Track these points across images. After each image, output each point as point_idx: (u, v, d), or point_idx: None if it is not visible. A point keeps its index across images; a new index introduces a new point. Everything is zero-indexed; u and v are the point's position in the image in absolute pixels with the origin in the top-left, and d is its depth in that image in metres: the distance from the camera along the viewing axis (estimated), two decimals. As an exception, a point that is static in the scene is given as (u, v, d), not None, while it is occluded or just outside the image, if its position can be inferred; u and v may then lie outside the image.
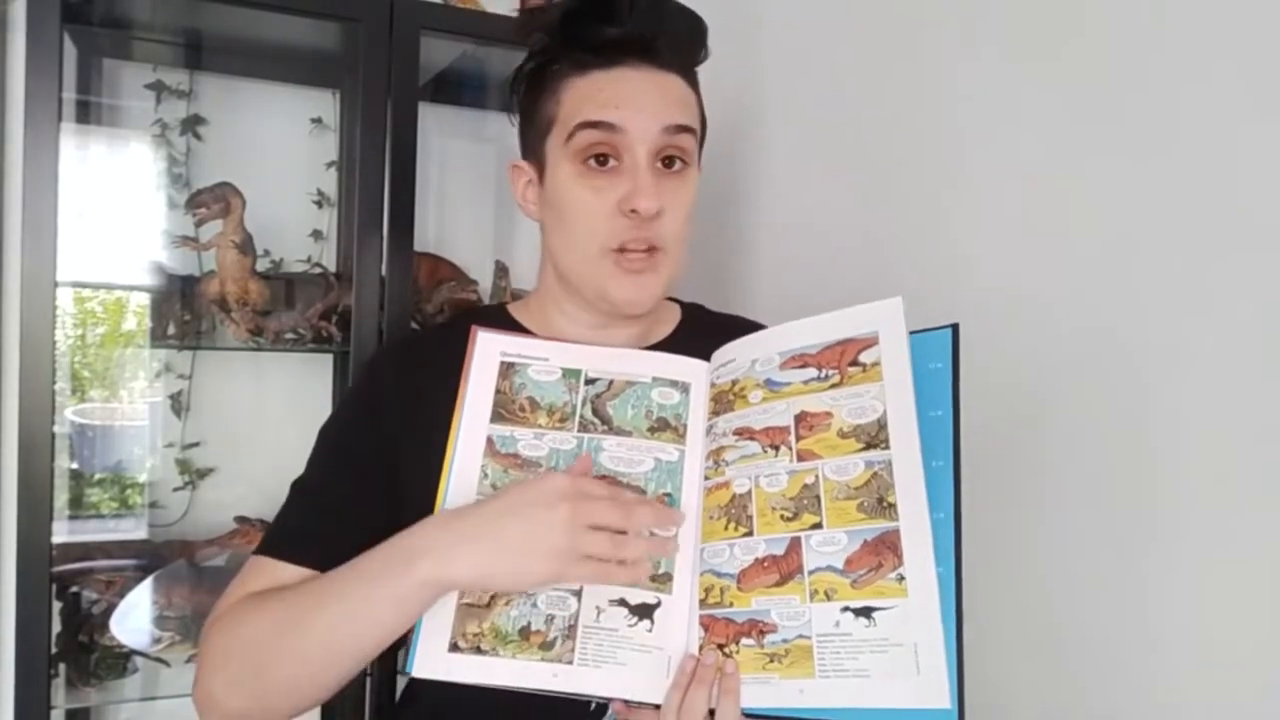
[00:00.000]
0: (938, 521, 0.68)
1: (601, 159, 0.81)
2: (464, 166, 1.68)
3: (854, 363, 0.74)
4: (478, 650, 0.73)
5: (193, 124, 1.50)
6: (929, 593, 0.66)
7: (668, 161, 0.83)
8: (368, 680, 1.27)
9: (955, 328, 0.72)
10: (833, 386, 0.75)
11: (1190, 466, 0.80)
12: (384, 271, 1.30)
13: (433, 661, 0.73)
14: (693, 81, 0.87)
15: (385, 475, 0.83)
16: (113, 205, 1.46)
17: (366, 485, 0.83)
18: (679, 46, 0.84)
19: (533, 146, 0.87)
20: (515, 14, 1.47)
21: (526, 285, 1.59)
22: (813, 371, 0.76)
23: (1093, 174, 0.88)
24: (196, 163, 1.50)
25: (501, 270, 1.56)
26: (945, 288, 1.05)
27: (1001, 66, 0.99)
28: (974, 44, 1.03)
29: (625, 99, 0.80)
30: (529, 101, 0.87)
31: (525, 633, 0.74)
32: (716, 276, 1.45)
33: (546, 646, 0.73)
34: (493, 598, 0.75)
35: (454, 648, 0.73)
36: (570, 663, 0.73)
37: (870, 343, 0.74)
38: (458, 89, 1.62)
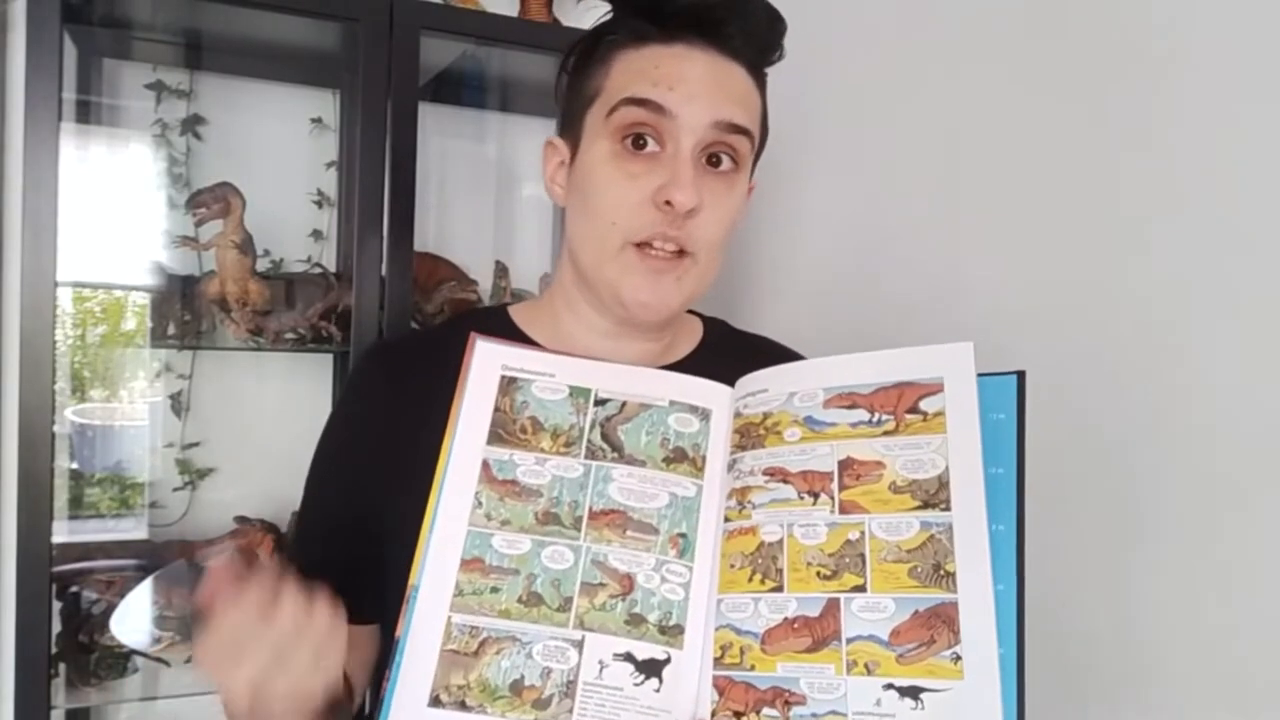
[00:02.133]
0: (999, 594, 0.61)
1: (640, 141, 0.72)
2: (464, 166, 1.68)
3: (913, 409, 0.67)
4: (462, 706, 0.65)
5: (193, 124, 1.50)
6: (989, 677, 0.59)
7: (714, 159, 0.74)
8: None
9: (1021, 375, 0.65)
10: (886, 434, 0.67)
11: (1198, 475, 0.80)
12: (384, 271, 1.30)
13: (409, 717, 0.65)
14: (760, 81, 0.77)
15: (366, 509, 0.78)
16: (113, 205, 1.46)
17: (352, 528, 0.79)
18: (752, 37, 0.75)
19: (571, 121, 0.78)
20: (516, 15, 1.47)
21: (527, 285, 1.60)
22: (863, 414, 0.68)
23: (1099, 181, 0.88)
24: (196, 163, 1.50)
25: (501, 270, 1.56)
26: (949, 297, 1.05)
27: (1011, 72, 0.99)
28: (986, 52, 1.03)
29: (680, 80, 0.71)
30: (576, 74, 0.78)
31: (517, 688, 0.66)
32: (722, 288, 1.45)
33: (541, 705, 0.65)
34: (481, 644, 0.67)
35: (435, 702, 0.65)
36: None
37: (933, 389, 0.66)
38: (458, 89, 1.62)
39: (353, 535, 0.79)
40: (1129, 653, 0.85)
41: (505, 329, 0.83)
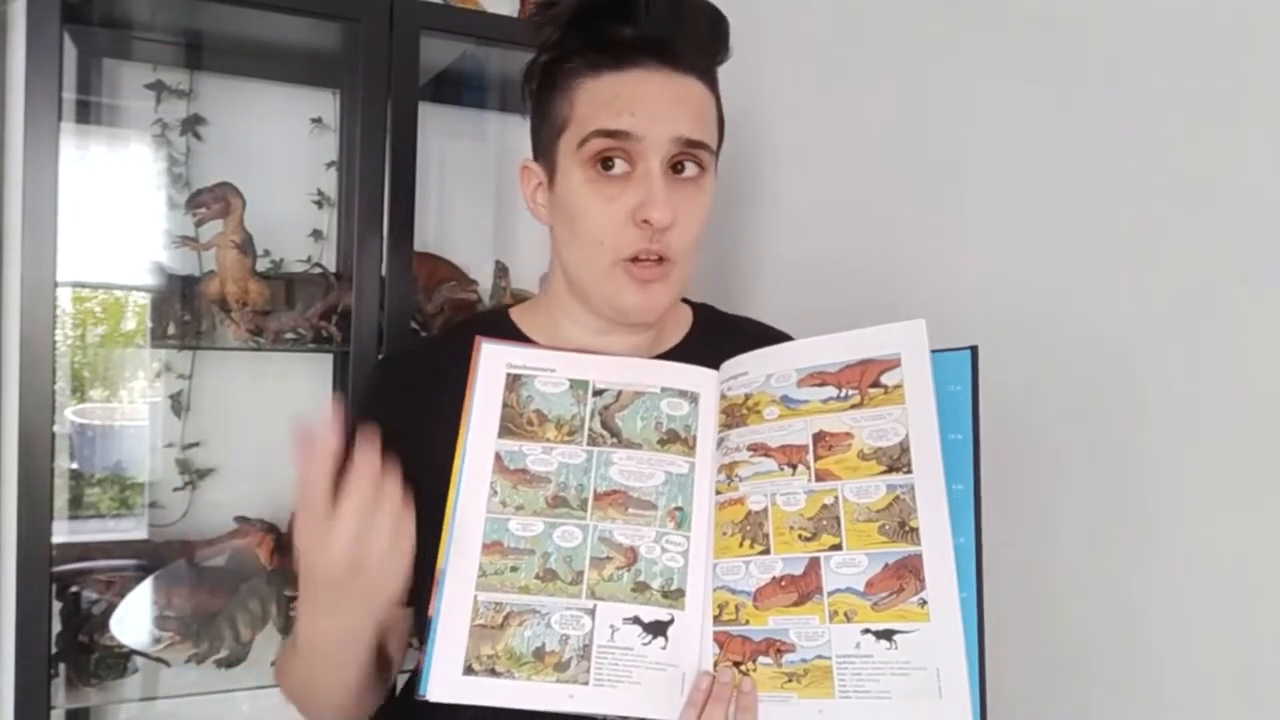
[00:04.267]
0: (959, 546, 0.68)
1: (608, 163, 0.78)
2: (464, 166, 1.68)
3: (875, 384, 0.74)
4: (492, 672, 0.72)
5: (193, 124, 1.50)
6: (952, 617, 0.67)
7: (678, 167, 0.79)
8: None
9: (974, 350, 0.72)
10: (853, 407, 0.74)
11: (1196, 474, 0.80)
12: (384, 271, 1.30)
13: (447, 685, 0.72)
14: (712, 83, 0.82)
15: None
16: (113, 205, 1.46)
17: None
18: (699, 47, 0.80)
19: (544, 148, 0.84)
20: (516, 15, 1.47)
21: (527, 285, 1.60)
22: (832, 390, 0.75)
23: (1099, 180, 0.88)
24: (196, 163, 1.50)
25: (501, 270, 1.56)
26: (947, 293, 1.05)
27: (1007, 69, 0.99)
28: (977, 46, 1.03)
29: (640, 104, 0.76)
30: (541, 99, 0.83)
31: (540, 653, 0.73)
32: (719, 278, 1.45)
33: (561, 667, 0.72)
34: (506, 617, 0.74)
35: (469, 670, 0.72)
36: (586, 683, 0.72)
37: (892, 364, 0.74)
38: (458, 89, 1.62)
39: None
40: (1129, 652, 0.85)
41: (507, 330, 0.89)
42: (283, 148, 1.56)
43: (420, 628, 0.81)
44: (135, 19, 1.42)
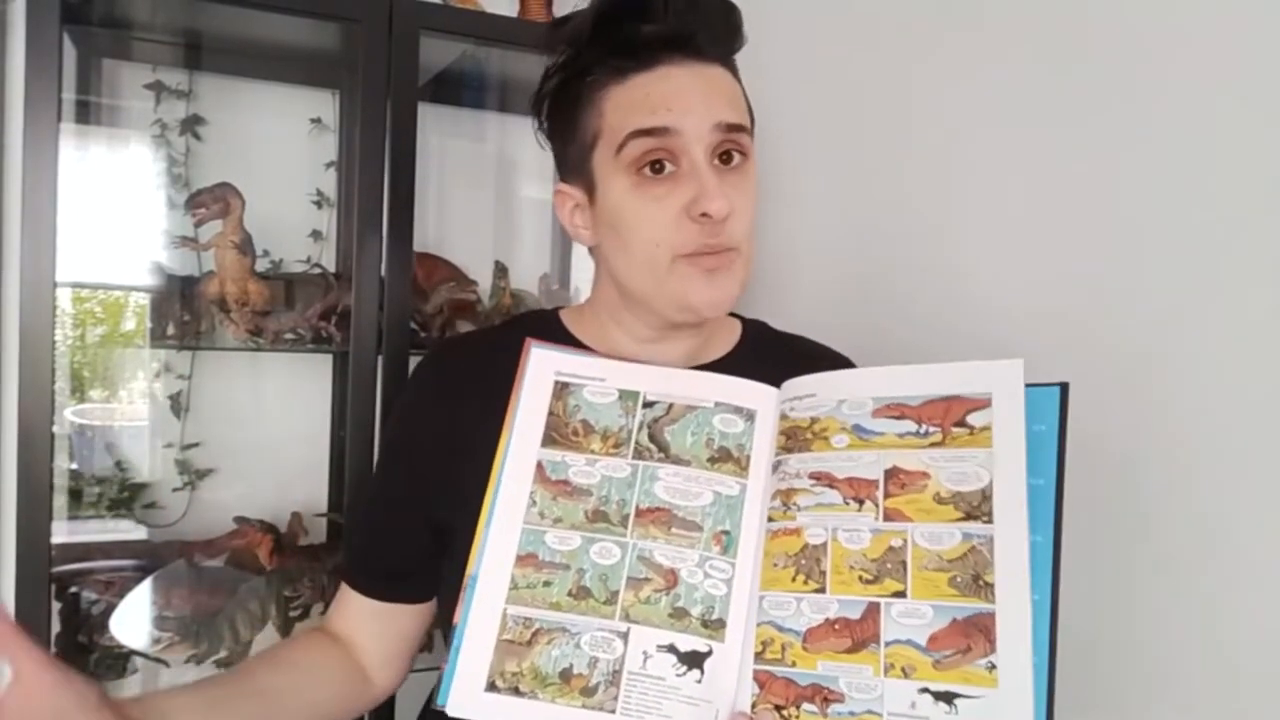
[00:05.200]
0: (1034, 605, 0.63)
1: (658, 166, 0.75)
2: (464, 166, 1.68)
3: (960, 423, 0.69)
4: (515, 691, 0.69)
5: (192, 124, 1.50)
6: (1023, 688, 0.61)
7: (725, 157, 0.77)
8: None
9: (1064, 387, 0.66)
10: (933, 445, 0.69)
11: (1214, 474, 0.80)
12: (383, 271, 1.30)
13: (468, 700, 0.69)
14: (735, 71, 0.81)
15: (424, 503, 0.84)
16: (112, 205, 1.46)
17: (406, 514, 0.86)
18: (718, 36, 0.79)
19: (576, 166, 0.80)
20: (516, 15, 1.47)
21: (526, 285, 1.60)
22: (910, 425, 0.70)
23: (1102, 180, 0.88)
24: (196, 163, 1.50)
25: (501, 270, 1.56)
26: (948, 296, 1.05)
27: (1008, 68, 0.99)
28: (981, 46, 1.03)
29: (674, 99, 0.75)
30: (562, 120, 0.81)
31: (567, 675, 0.69)
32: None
33: (588, 692, 0.69)
34: (534, 634, 0.71)
35: (491, 687, 0.70)
36: (613, 711, 0.68)
37: (981, 404, 0.68)
38: (458, 89, 1.62)
39: (413, 520, 0.85)
40: (1133, 660, 0.84)
41: (558, 333, 0.87)
42: (282, 148, 1.56)
43: (441, 626, 0.81)
44: (135, 19, 1.42)
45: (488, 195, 1.70)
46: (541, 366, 0.79)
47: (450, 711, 0.69)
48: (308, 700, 0.82)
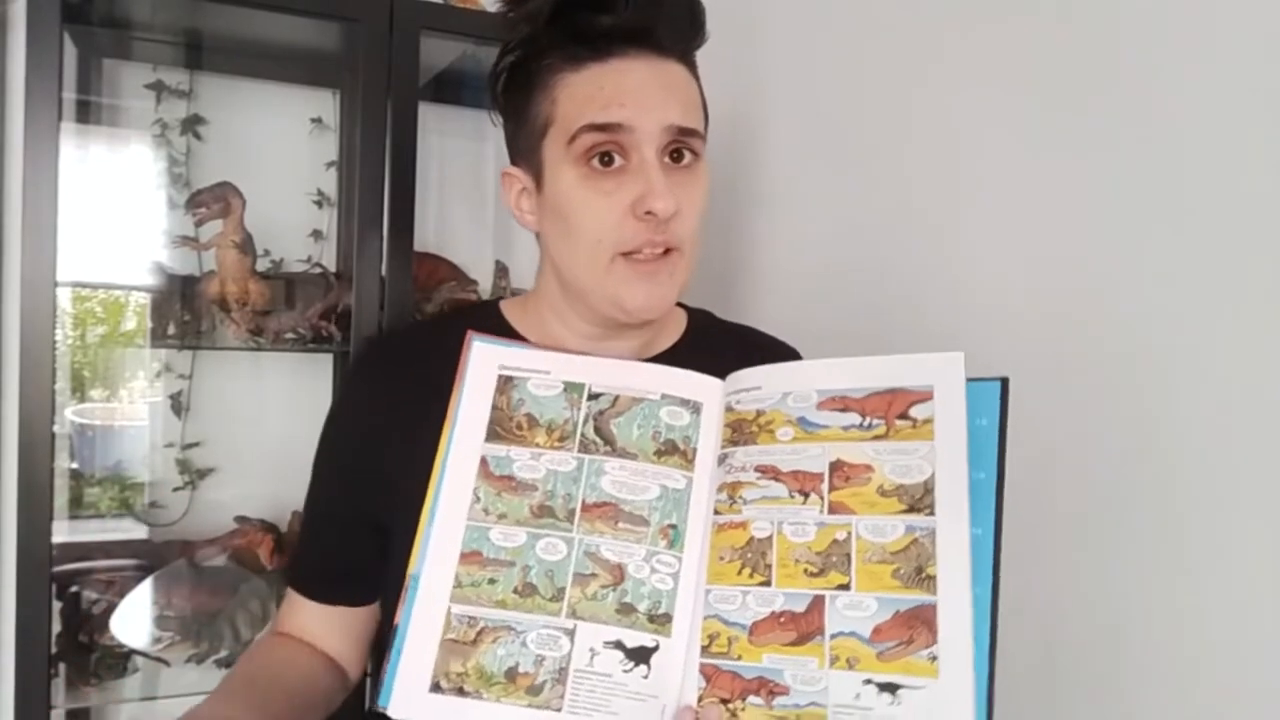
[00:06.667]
0: (975, 597, 0.63)
1: (607, 158, 0.75)
2: (464, 166, 1.68)
3: (904, 415, 0.69)
4: (460, 691, 0.68)
5: (193, 124, 1.50)
6: (963, 678, 0.62)
7: (676, 155, 0.77)
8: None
9: (1005, 381, 0.66)
10: (877, 438, 0.69)
11: (1210, 475, 0.80)
12: (384, 271, 1.30)
13: (411, 701, 0.68)
14: (693, 67, 0.80)
15: (361, 503, 0.83)
16: (113, 205, 1.46)
17: (344, 515, 0.85)
18: (679, 32, 0.78)
19: (526, 151, 0.80)
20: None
21: (527, 285, 1.59)
22: (855, 417, 0.70)
23: (1102, 180, 0.88)
24: (196, 163, 1.50)
25: (501, 270, 1.56)
26: (946, 297, 1.05)
27: (1007, 70, 0.99)
28: (979, 49, 1.03)
29: (628, 95, 0.74)
30: (516, 101, 0.80)
31: (512, 674, 0.68)
32: (715, 281, 1.45)
33: (534, 691, 0.68)
34: (479, 633, 0.70)
35: (435, 688, 0.68)
36: (559, 709, 0.67)
37: (924, 397, 0.68)
38: (458, 89, 1.62)
39: (352, 521, 0.84)
40: (1114, 657, 0.84)
41: (498, 325, 0.86)
42: (283, 148, 1.56)
43: (382, 626, 0.80)
44: (135, 19, 1.42)
45: (488, 195, 1.70)
46: (484, 360, 0.77)
47: (392, 713, 0.68)
48: (323, 689, 0.83)
